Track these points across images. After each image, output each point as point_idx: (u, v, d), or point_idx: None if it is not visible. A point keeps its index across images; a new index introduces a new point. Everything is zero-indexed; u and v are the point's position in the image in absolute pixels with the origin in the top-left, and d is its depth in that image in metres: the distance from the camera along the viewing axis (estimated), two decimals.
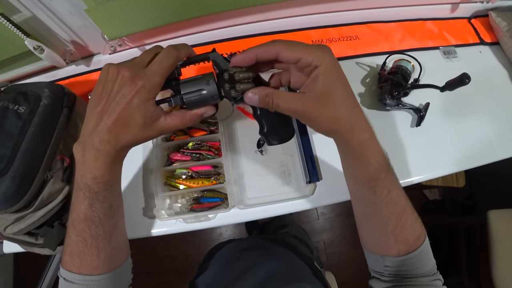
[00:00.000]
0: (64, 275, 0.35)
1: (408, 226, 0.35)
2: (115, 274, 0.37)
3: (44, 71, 0.68)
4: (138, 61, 0.31)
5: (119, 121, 0.30)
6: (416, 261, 0.35)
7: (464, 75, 0.55)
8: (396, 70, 0.61)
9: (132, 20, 0.55)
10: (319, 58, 0.28)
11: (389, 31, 0.71)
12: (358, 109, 0.31)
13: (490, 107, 0.65)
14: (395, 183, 0.34)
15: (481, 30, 0.73)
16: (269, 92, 0.31)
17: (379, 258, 0.37)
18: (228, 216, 0.54)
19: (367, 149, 0.32)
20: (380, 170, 0.33)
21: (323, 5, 0.68)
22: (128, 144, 0.32)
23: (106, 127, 0.30)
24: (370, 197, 0.34)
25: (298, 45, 0.29)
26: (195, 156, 0.56)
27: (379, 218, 0.35)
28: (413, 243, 0.35)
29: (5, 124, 0.47)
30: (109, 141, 0.30)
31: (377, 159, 0.32)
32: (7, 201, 0.45)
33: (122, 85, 0.29)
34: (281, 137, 0.37)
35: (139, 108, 0.30)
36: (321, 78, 0.29)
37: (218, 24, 0.68)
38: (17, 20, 0.53)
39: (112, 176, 0.33)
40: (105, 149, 0.30)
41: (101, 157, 0.31)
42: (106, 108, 0.30)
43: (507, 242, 0.91)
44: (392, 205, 0.34)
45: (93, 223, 0.33)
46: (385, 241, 0.36)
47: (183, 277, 1.46)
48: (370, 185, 0.33)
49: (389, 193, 0.33)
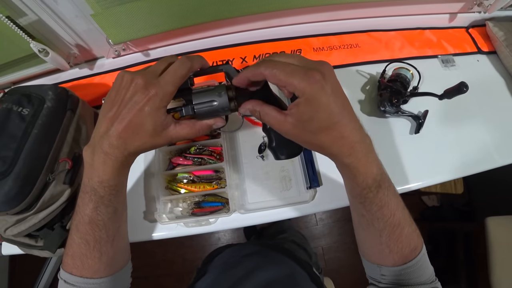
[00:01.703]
0: (64, 277, 0.35)
1: (403, 239, 0.34)
2: (115, 277, 0.37)
3: (47, 73, 0.68)
4: (152, 69, 0.32)
5: (130, 127, 0.30)
6: (412, 271, 0.35)
7: (462, 83, 0.56)
8: (395, 78, 0.62)
9: (137, 25, 0.56)
10: (300, 90, 0.28)
11: (389, 39, 0.72)
12: (350, 127, 0.30)
13: (488, 115, 0.66)
14: (388, 198, 0.33)
15: (479, 40, 0.74)
16: (257, 108, 0.32)
17: (375, 267, 0.37)
18: (229, 221, 0.55)
19: (352, 172, 0.32)
20: (367, 190, 0.32)
21: (324, 13, 0.69)
22: (137, 151, 0.32)
23: (116, 132, 0.30)
24: (361, 210, 0.34)
25: (281, 73, 0.28)
26: (197, 160, 0.56)
27: (372, 230, 0.35)
28: (408, 254, 0.35)
29: (9, 126, 0.48)
30: (118, 146, 0.31)
31: (364, 179, 0.32)
32: (9, 203, 0.45)
33: (135, 92, 0.30)
34: (289, 152, 0.37)
35: (150, 115, 0.30)
36: (302, 107, 0.28)
37: (221, 30, 0.69)
38: (23, 23, 0.54)
39: (118, 181, 0.33)
40: (113, 154, 0.31)
41: (109, 162, 0.31)
42: (117, 113, 0.30)
43: (505, 248, 0.92)
44: (385, 220, 0.33)
45: (97, 227, 0.33)
46: (379, 251, 0.36)
47: (180, 282, 1.44)
48: (359, 200, 0.34)
49: (380, 209, 0.33)
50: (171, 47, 0.68)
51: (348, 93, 0.31)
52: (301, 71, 0.28)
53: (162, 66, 0.32)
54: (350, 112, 0.30)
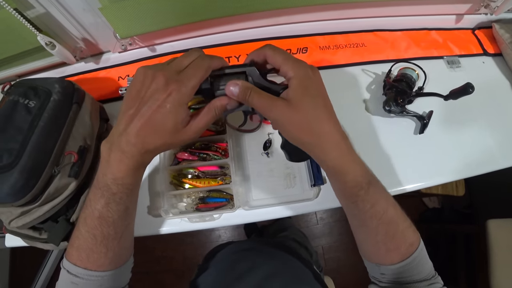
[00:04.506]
0: (67, 267, 0.35)
1: (398, 235, 0.35)
2: (118, 272, 0.37)
3: (53, 67, 0.68)
4: (173, 65, 0.32)
5: (149, 125, 0.30)
6: (411, 268, 0.35)
7: (468, 84, 0.56)
8: (401, 78, 0.62)
9: (145, 20, 0.56)
10: (293, 70, 0.31)
11: (395, 39, 0.72)
12: (331, 125, 0.32)
13: (492, 117, 0.66)
14: (379, 195, 0.34)
15: (485, 41, 0.74)
16: (249, 86, 0.33)
17: (374, 266, 0.37)
18: (232, 217, 0.55)
19: (340, 168, 0.32)
20: (358, 188, 0.32)
21: (331, 12, 0.69)
22: (155, 149, 0.32)
23: (135, 130, 0.30)
24: (354, 211, 0.35)
25: (280, 55, 0.32)
26: (202, 156, 0.56)
27: (366, 230, 0.35)
28: (405, 250, 0.35)
29: (15, 118, 0.48)
30: (135, 144, 0.30)
31: (353, 177, 0.32)
32: (15, 195, 0.45)
33: (156, 90, 0.30)
34: (300, 158, 0.41)
35: (171, 112, 0.30)
36: (293, 87, 0.31)
37: (228, 27, 0.68)
38: (30, 16, 0.53)
39: (133, 180, 0.33)
40: (130, 152, 0.31)
41: (125, 160, 0.31)
42: (137, 111, 0.30)
43: (506, 251, 0.92)
44: (378, 217, 0.34)
45: (106, 223, 0.33)
46: (376, 250, 0.36)
47: (179, 279, 1.45)
48: (351, 200, 0.34)
49: (372, 207, 0.33)
50: (177, 43, 0.68)
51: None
52: (294, 58, 0.32)
53: (185, 62, 0.32)
54: (331, 112, 0.33)
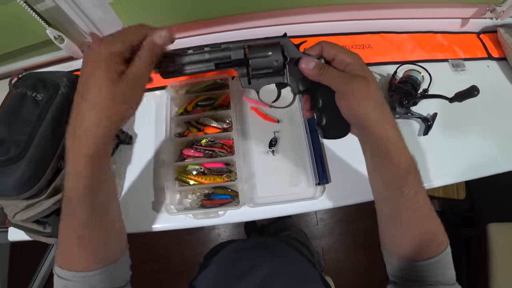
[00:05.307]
0: (57, 272, 0.34)
1: (432, 231, 0.35)
2: (108, 270, 0.35)
3: (60, 61, 0.68)
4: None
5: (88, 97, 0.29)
6: (437, 267, 0.35)
7: (473, 87, 0.57)
8: (406, 80, 0.62)
9: (155, 16, 0.56)
10: (350, 57, 0.33)
11: (401, 41, 0.73)
12: (386, 106, 0.34)
13: (495, 121, 0.66)
14: (421, 185, 0.35)
15: (490, 45, 0.74)
16: (324, 65, 0.34)
17: (400, 261, 0.37)
18: (237, 214, 0.55)
19: (395, 147, 0.33)
20: (408, 170, 0.33)
21: (337, 13, 0.69)
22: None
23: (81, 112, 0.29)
24: (398, 198, 0.34)
25: (336, 46, 0.34)
26: (207, 152, 0.56)
27: (404, 222, 0.35)
28: (435, 248, 0.35)
29: (23, 111, 0.48)
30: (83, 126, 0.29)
31: (405, 158, 0.33)
32: (21, 187, 0.45)
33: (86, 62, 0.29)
34: (338, 133, 0.37)
35: (100, 70, 0.27)
36: (355, 68, 0.33)
37: (234, 26, 0.69)
38: (40, 9, 0.54)
39: (91, 172, 0.30)
40: (80, 138, 0.29)
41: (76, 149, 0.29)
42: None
43: (506, 255, 0.92)
44: (418, 207, 0.34)
45: (77, 224, 0.31)
46: (408, 244, 0.36)
47: (178, 278, 1.44)
48: (398, 185, 0.34)
49: (415, 194, 0.33)
50: (187, 39, 0.68)
51: None
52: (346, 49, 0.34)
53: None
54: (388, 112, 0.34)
